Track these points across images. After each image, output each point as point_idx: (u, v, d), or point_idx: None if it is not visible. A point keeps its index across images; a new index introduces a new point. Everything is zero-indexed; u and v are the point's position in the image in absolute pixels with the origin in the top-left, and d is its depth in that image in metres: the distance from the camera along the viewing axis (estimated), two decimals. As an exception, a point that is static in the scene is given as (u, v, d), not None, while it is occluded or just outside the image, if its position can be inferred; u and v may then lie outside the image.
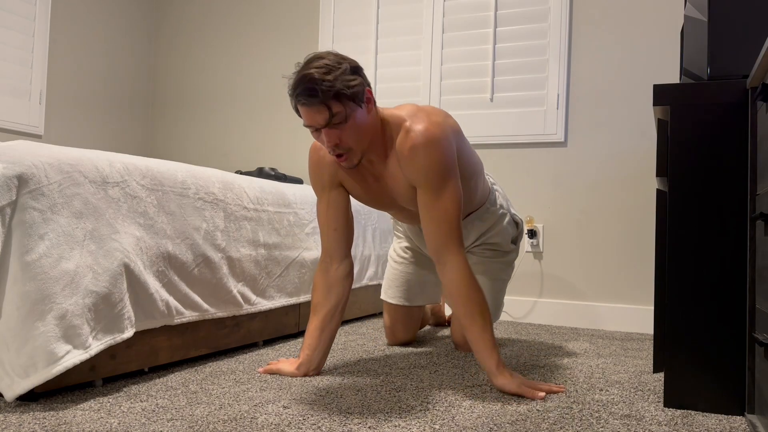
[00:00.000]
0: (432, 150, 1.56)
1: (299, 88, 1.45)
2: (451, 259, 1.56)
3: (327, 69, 1.45)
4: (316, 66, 1.45)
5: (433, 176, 1.57)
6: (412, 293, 2.16)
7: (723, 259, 1.43)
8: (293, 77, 1.47)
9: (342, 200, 1.75)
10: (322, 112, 1.46)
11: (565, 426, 1.28)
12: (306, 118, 1.49)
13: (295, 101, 1.48)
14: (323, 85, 1.43)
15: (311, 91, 1.43)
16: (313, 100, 1.44)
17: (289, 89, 1.48)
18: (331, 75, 1.45)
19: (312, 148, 1.76)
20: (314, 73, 1.44)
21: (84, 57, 3.39)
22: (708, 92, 1.46)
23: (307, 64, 1.48)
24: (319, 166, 1.74)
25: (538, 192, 2.96)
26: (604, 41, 2.88)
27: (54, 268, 1.32)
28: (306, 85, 1.44)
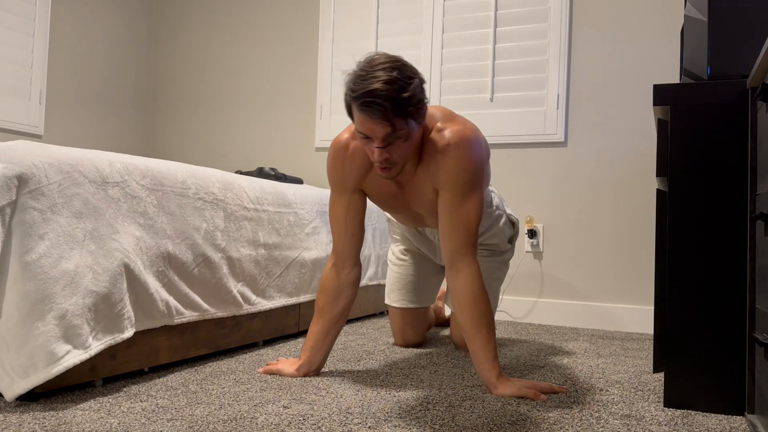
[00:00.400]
0: (465, 151, 1.55)
1: (366, 98, 1.37)
2: (465, 267, 1.55)
3: (399, 86, 1.38)
4: (387, 79, 1.37)
5: (462, 178, 1.55)
6: (416, 294, 2.16)
7: (723, 259, 1.43)
8: (356, 80, 1.39)
9: (361, 204, 1.71)
10: (385, 128, 1.40)
11: (565, 426, 1.28)
12: (363, 126, 1.43)
13: (355, 107, 1.41)
14: (393, 102, 1.37)
15: (380, 106, 1.37)
16: (378, 115, 1.38)
17: (351, 92, 1.40)
18: (404, 93, 1.38)
19: (337, 146, 1.67)
20: (385, 88, 1.36)
21: (84, 57, 3.39)
22: (708, 92, 1.46)
23: (374, 68, 1.39)
24: (345, 167, 1.66)
25: (538, 192, 2.96)
26: (604, 41, 2.88)
27: (54, 268, 1.32)
28: (375, 99, 1.36)
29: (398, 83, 1.38)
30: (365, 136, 1.46)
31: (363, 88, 1.38)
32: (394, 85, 1.38)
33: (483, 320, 1.53)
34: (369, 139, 1.46)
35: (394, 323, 2.17)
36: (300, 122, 3.49)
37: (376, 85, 1.37)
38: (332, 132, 3.37)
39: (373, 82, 1.37)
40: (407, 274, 2.16)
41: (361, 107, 1.39)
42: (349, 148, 1.66)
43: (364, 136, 1.46)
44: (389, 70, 1.39)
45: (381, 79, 1.37)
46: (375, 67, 1.40)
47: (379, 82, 1.37)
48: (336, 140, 1.68)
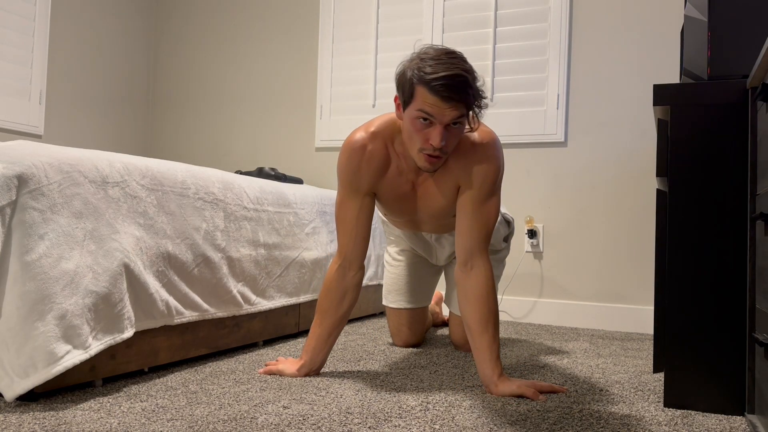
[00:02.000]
0: (494, 152, 1.61)
1: (447, 80, 1.40)
2: (481, 264, 1.58)
3: (474, 76, 1.45)
4: (467, 68, 1.44)
5: (489, 179, 1.60)
6: (413, 295, 2.16)
7: (723, 259, 1.43)
8: (432, 62, 1.43)
9: (372, 207, 1.70)
10: (457, 111, 1.43)
11: (565, 426, 1.28)
12: (435, 109, 1.43)
13: (427, 88, 1.42)
14: (471, 89, 1.43)
15: (463, 92, 1.42)
16: (456, 98, 1.41)
17: (425, 73, 1.42)
18: (478, 83, 1.46)
19: (353, 146, 1.63)
20: (466, 74, 1.42)
21: (84, 57, 3.39)
22: (708, 92, 1.46)
23: (450, 56, 1.45)
24: (361, 169, 1.63)
25: (538, 192, 2.96)
26: (604, 41, 2.88)
27: (54, 268, 1.32)
28: (460, 83, 1.41)
29: (474, 74, 1.46)
30: (426, 119, 1.46)
31: (444, 70, 1.41)
32: (472, 74, 1.44)
33: (491, 319, 1.55)
34: (429, 124, 1.46)
35: (391, 324, 2.17)
36: (300, 122, 3.49)
37: (458, 70, 1.42)
38: (332, 132, 3.37)
39: (455, 67, 1.42)
40: (404, 274, 2.16)
41: (439, 88, 1.41)
42: (366, 149, 1.63)
43: (425, 119, 1.46)
44: (464, 60, 1.47)
45: (461, 66, 1.44)
46: (452, 55, 1.45)
47: (459, 68, 1.42)
48: (351, 140, 1.64)
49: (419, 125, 1.47)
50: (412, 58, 1.48)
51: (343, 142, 1.67)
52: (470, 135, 1.58)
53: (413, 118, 1.47)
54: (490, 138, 1.61)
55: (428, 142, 1.47)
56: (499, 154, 1.61)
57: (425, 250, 2.15)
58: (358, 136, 1.64)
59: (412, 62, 1.47)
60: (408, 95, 1.47)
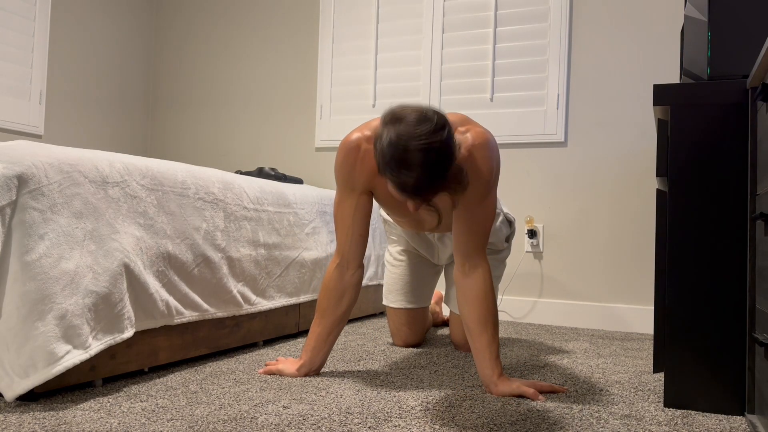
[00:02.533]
0: (488, 153, 1.57)
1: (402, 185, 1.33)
2: (479, 265, 1.58)
3: (436, 173, 1.32)
4: (423, 175, 1.31)
5: (484, 179, 1.57)
6: (414, 295, 2.16)
7: (723, 259, 1.43)
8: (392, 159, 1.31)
9: (369, 206, 1.69)
10: (427, 201, 1.39)
11: (565, 426, 1.28)
12: (397, 196, 1.39)
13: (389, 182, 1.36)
14: (429, 189, 1.34)
15: (416, 194, 1.34)
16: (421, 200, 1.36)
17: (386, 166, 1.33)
18: (439, 177, 1.33)
19: (348, 146, 1.63)
20: (423, 182, 1.32)
21: (84, 57, 3.39)
22: (708, 92, 1.46)
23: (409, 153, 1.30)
24: (355, 168, 1.63)
25: (538, 192, 2.96)
26: (604, 41, 2.88)
27: (54, 268, 1.32)
28: (411, 190, 1.33)
29: (435, 171, 1.33)
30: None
31: (399, 174, 1.32)
32: (431, 176, 1.33)
33: (490, 319, 1.55)
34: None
35: (392, 324, 2.17)
36: (300, 122, 3.49)
37: (412, 180, 1.32)
38: (332, 132, 3.37)
39: (411, 174, 1.31)
40: (404, 274, 2.16)
41: (397, 188, 1.35)
42: (361, 149, 1.63)
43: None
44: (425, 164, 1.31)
45: (417, 174, 1.31)
46: (410, 151, 1.31)
47: (415, 177, 1.31)
48: (346, 140, 1.65)
49: (394, 191, 1.41)
50: (381, 136, 1.35)
51: (340, 142, 1.68)
52: (463, 137, 1.57)
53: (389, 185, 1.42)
54: (483, 139, 1.58)
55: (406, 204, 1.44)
56: (492, 154, 1.58)
57: (427, 249, 2.15)
58: (354, 137, 1.64)
59: (379, 142, 1.36)
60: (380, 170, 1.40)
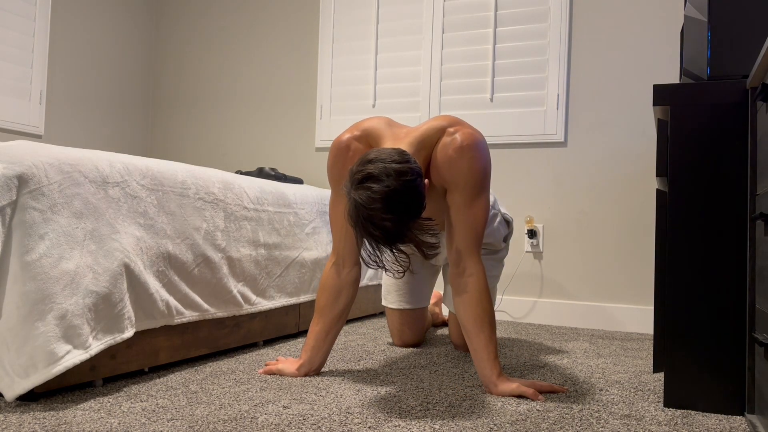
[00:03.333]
0: (477, 153, 1.57)
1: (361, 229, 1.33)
2: (472, 266, 1.57)
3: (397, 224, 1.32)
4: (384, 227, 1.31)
5: (474, 180, 1.57)
6: (413, 295, 2.16)
7: (723, 259, 1.43)
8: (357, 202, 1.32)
9: None
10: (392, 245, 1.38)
11: (565, 426, 1.28)
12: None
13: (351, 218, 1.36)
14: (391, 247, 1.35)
15: (376, 239, 1.34)
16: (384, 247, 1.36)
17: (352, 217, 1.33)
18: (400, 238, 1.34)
19: (338, 146, 1.65)
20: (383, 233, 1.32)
21: (84, 57, 3.39)
22: (708, 92, 1.46)
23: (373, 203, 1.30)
24: (346, 168, 1.64)
25: (538, 192, 2.96)
26: (604, 41, 2.88)
27: (54, 268, 1.32)
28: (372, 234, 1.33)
29: (396, 237, 1.34)
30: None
31: (363, 239, 1.35)
32: (392, 241, 1.34)
33: (486, 319, 1.54)
34: None
35: (391, 324, 2.17)
36: (300, 122, 3.49)
37: (375, 243, 1.35)
38: (332, 132, 3.37)
39: (374, 225, 1.32)
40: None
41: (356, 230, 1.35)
42: (351, 148, 1.65)
43: None
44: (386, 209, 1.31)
45: (379, 225, 1.32)
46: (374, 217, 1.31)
47: (377, 228, 1.32)
48: (337, 140, 1.67)
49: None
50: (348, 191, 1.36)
51: (331, 143, 1.70)
52: (454, 140, 1.57)
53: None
54: (473, 139, 1.58)
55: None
56: (481, 155, 1.58)
57: (425, 250, 2.15)
58: (344, 137, 1.66)
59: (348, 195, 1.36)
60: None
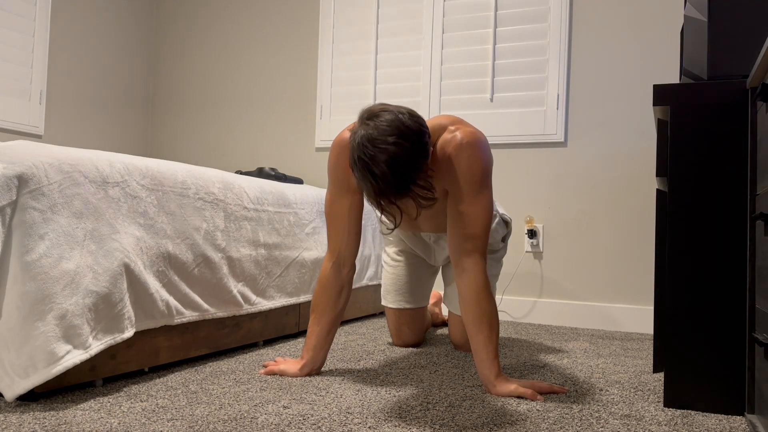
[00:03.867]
0: (477, 151, 1.57)
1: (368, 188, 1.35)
2: (471, 265, 1.56)
3: (402, 174, 1.33)
4: (388, 175, 1.32)
5: (473, 178, 1.57)
6: (412, 295, 2.16)
7: (723, 259, 1.43)
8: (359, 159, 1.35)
9: (361, 204, 1.71)
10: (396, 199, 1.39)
11: (565, 426, 1.28)
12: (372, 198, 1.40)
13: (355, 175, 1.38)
14: (389, 195, 1.36)
15: (388, 194, 1.35)
16: (388, 200, 1.37)
17: (354, 164, 1.36)
18: (405, 172, 1.34)
19: (340, 145, 1.66)
20: (381, 185, 1.33)
21: (84, 57, 3.39)
22: (708, 92, 1.46)
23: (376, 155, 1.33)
24: (348, 167, 1.63)
25: (538, 192, 2.96)
26: (604, 41, 2.88)
27: (54, 268, 1.32)
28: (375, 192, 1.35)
29: (397, 180, 1.34)
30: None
31: (364, 180, 1.36)
32: (392, 185, 1.35)
33: (484, 319, 1.54)
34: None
35: (391, 324, 2.17)
36: (300, 122, 3.49)
37: (374, 186, 1.35)
38: (332, 132, 3.37)
39: (376, 176, 1.34)
40: (402, 275, 2.16)
41: (363, 182, 1.37)
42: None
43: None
44: (392, 160, 1.33)
45: (383, 174, 1.33)
46: (378, 152, 1.33)
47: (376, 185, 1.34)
48: (338, 139, 1.68)
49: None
50: (354, 135, 1.39)
51: (333, 142, 1.70)
52: (454, 138, 1.57)
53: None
54: (473, 138, 1.58)
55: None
56: (481, 154, 1.58)
57: (424, 251, 2.15)
58: (345, 135, 1.67)
59: (352, 142, 1.39)
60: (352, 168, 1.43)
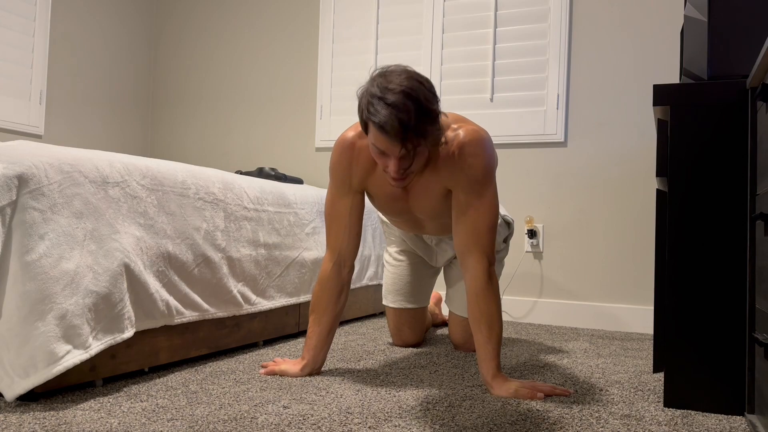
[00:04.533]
0: (481, 150, 1.57)
1: (384, 121, 1.36)
2: (472, 265, 1.57)
3: (417, 108, 1.37)
4: (404, 104, 1.36)
5: (478, 176, 1.57)
6: (413, 295, 2.16)
7: (723, 259, 1.43)
8: (373, 100, 1.38)
9: (362, 204, 1.72)
10: (402, 148, 1.41)
11: (565, 426, 1.28)
12: (380, 144, 1.42)
13: (371, 126, 1.40)
14: (411, 127, 1.37)
15: (398, 131, 1.36)
16: (396, 139, 1.38)
17: (367, 111, 1.39)
18: (421, 116, 1.38)
19: (342, 144, 1.67)
20: (403, 113, 1.36)
21: (84, 57, 3.39)
22: (708, 92, 1.46)
23: (390, 90, 1.38)
24: (351, 166, 1.66)
25: (538, 192, 2.96)
26: (604, 41, 2.88)
27: (54, 268, 1.32)
28: (393, 123, 1.36)
29: (416, 105, 1.37)
30: (380, 151, 1.45)
31: (380, 110, 1.37)
32: (412, 109, 1.37)
33: (483, 319, 1.54)
34: (385, 155, 1.46)
35: (391, 324, 2.17)
36: (300, 122, 3.49)
37: (394, 110, 1.36)
38: (332, 132, 3.37)
39: (391, 106, 1.36)
40: (403, 274, 2.16)
41: (379, 128, 1.38)
42: (356, 146, 1.65)
43: (380, 151, 1.46)
44: (406, 93, 1.37)
45: (399, 103, 1.36)
46: (391, 88, 1.38)
47: (396, 108, 1.36)
48: (341, 138, 1.68)
49: (376, 153, 1.48)
50: (365, 88, 1.44)
51: (335, 142, 1.71)
52: (457, 136, 1.57)
53: (371, 146, 1.48)
54: (477, 136, 1.58)
55: (387, 169, 1.48)
56: (485, 152, 1.58)
57: (425, 252, 2.15)
58: (348, 135, 1.67)
59: (365, 93, 1.43)
60: (363, 126, 1.47)
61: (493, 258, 1.59)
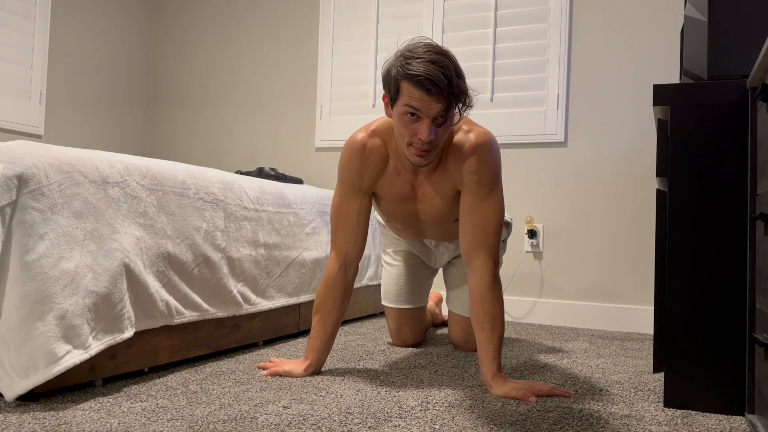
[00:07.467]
0: (491, 152, 1.61)
1: (429, 75, 1.41)
2: (478, 266, 1.59)
3: (457, 70, 1.46)
4: (447, 62, 1.44)
5: (486, 177, 1.60)
6: (412, 295, 2.16)
7: (723, 259, 1.43)
8: (415, 58, 1.43)
9: (369, 207, 1.74)
10: (442, 105, 1.44)
11: (565, 426, 1.28)
12: (420, 103, 1.44)
13: (411, 83, 1.43)
14: (454, 83, 1.43)
15: (447, 85, 1.42)
16: (438, 93, 1.42)
17: (408, 68, 1.43)
18: (461, 77, 1.46)
19: (353, 145, 1.68)
20: (447, 69, 1.42)
21: (84, 57, 3.39)
22: (708, 92, 1.46)
23: (433, 51, 1.45)
24: (362, 167, 1.67)
25: (538, 192, 2.96)
26: (604, 41, 2.88)
27: (54, 268, 1.32)
28: (443, 77, 1.41)
29: (453, 64, 1.46)
30: (413, 114, 1.47)
31: (427, 65, 1.42)
32: (451, 66, 1.44)
33: (486, 319, 1.55)
34: (417, 118, 1.48)
35: (391, 324, 2.17)
36: (300, 122, 3.49)
37: (440, 65, 1.43)
38: (332, 132, 3.37)
39: (436, 63, 1.42)
40: (402, 275, 2.17)
41: (421, 83, 1.42)
42: (366, 146, 1.67)
43: (412, 114, 1.47)
44: (442, 53, 1.46)
45: (442, 61, 1.44)
46: (434, 50, 1.46)
47: (440, 65, 1.43)
48: (351, 140, 1.69)
49: (407, 120, 1.49)
50: (397, 56, 1.49)
51: (345, 143, 1.72)
52: (466, 136, 1.60)
53: (401, 114, 1.49)
54: (486, 138, 1.61)
55: (417, 136, 1.49)
56: (493, 154, 1.62)
57: (424, 254, 2.15)
58: (358, 137, 1.68)
59: (396, 60, 1.49)
60: (394, 92, 1.49)
61: (498, 259, 1.61)
